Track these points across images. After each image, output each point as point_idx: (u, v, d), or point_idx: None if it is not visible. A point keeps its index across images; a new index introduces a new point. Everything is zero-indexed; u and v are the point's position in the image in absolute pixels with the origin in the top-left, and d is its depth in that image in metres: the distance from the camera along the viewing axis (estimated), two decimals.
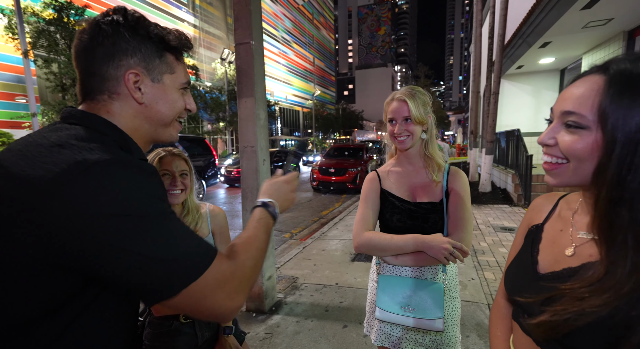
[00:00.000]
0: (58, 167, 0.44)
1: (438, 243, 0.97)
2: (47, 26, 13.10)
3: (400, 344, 1.12)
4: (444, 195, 1.11)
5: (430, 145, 1.16)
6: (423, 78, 42.59)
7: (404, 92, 1.11)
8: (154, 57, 0.61)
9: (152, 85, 0.61)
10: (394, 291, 1.08)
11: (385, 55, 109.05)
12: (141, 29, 0.59)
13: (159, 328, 1.11)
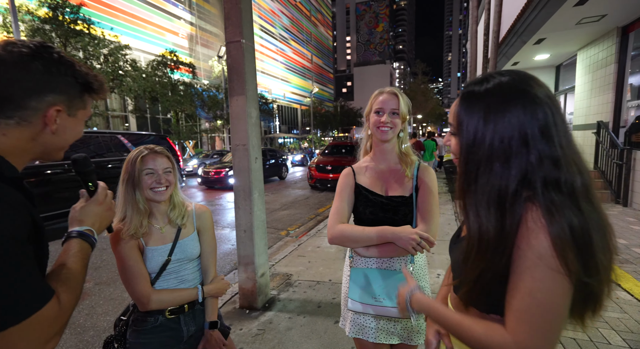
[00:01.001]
0: None
1: (406, 234, 1.03)
2: (42, 24, 13.00)
3: (374, 334, 1.16)
4: (414, 189, 1.18)
5: (405, 142, 1.25)
6: (421, 75, 42.51)
7: (393, 87, 1.21)
8: (76, 97, 0.68)
9: (67, 119, 0.67)
10: (365, 282, 1.13)
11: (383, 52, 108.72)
12: (72, 73, 0.65)
13: (144, 324, 1.12)
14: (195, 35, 27.55)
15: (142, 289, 1.07)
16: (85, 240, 0.72)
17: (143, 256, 1.11)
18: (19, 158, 0.62)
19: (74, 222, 0.76)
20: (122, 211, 1.08)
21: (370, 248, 1.13)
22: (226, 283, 1.26)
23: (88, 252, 0.72)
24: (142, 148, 1.11)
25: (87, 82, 0.68)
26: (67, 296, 0.60)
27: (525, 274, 0.56)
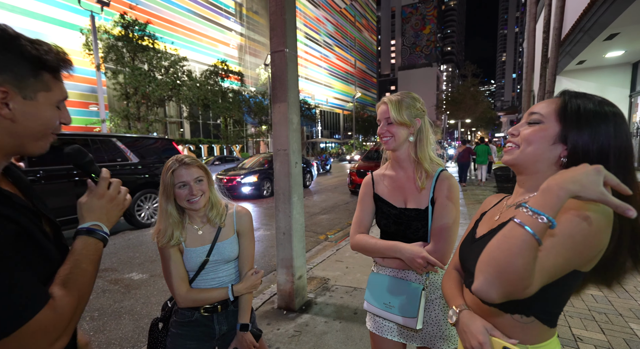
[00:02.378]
0: None
1: (413, 254, 1.05)
2: (115, 42, 14.72)
3: (393, 333, 1.20)
4: (430, 202, 1.12)
5: (419, 150, 1.16)
6: (470, 77, 40.25)
7: (389, 97, 1.18)
8: (27, 75, 0.60)
9: (24, 103, 0.60)
10: (379, 288, 1.18)
11: (430, 54, 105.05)
12: (14, 48, 0.58)
13: (182, 317, 1.21)
14: (245, 45, 29.16)
15: (177, 288, 1.15)
16: (91, 236, 0.69)
17: (183, 257, 1.18)
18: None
19: (80, 218, 0.73)
20: (160, 220, 1.16)
21: (386, 259, 1.18)
22: (257, 276, 1.26)
23: (95, 248, 0.69)
24: (174, 161, 1.14)
25: (39, 58, 0.60)
26: (66, 300, 0.58)
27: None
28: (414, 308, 1.07)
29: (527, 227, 0.56)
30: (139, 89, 15.02)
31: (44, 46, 0.63)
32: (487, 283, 0.58)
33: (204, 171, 1.19)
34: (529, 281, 0.57)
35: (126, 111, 15.32)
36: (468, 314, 0.77)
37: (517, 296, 0.58)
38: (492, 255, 0.60)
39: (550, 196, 0.57)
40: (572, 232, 0.59)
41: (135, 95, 15.39)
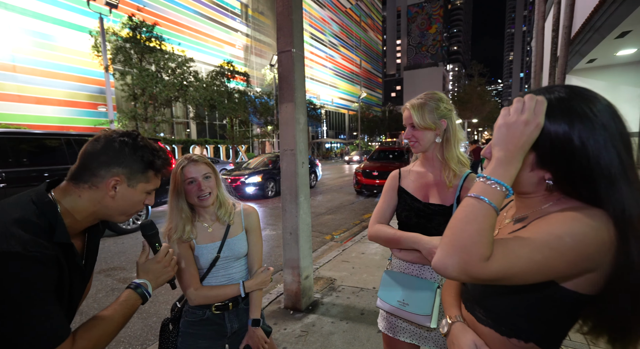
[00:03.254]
0: None
1: (433, 246, 1.04)
2: (123, 43, 14.88)
3: (405, 334, 1.19)
4: (455, 200, 1.14)
5: (446, 150, 1.17)
6: (477, 76, 39.86)
7: (412, 100, 1.19)
8: (138, 172, 0.82)
9: (127, 189, 0.81)
10: (393, 285, 1.18)
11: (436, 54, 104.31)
12: (139, 152, 0.81)
13: (193, 316, 1.22)
14: (250, 46, 29.27)
15: (188, 286, 1.17)
16: (136, 291, 0.85)
17: (194, 254, 1.20)
18: (89, 217, 0.79)
19: (138, 274, 0.92)
20: (170, 218, 1.19)
21: (403, 251, 1.19)
22: (268, 273, 1.28)
23: (135, 303, 0.84)
24: (183, 158, 1.19)
25: (151, 162, 0.83)
26: (83, 343, 0.70)
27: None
28: (428, 306, 1.06)
29: (480, 196, 0.57)
30: (147, 90, 15.18)
31: (160, 153, 0.85)
32: (443, 254, 0.57)
33: (212, 168, 1.22)
34: (484, 250, 0.53)
35: (134, 112, 15.48)
36: (460, 327, 0.75)
37: (476, 270, 0.53)
38: (449, 226, 0.59)
39: (504, 163, 0.59)
40: (561, 233, 0.55)
41: (142, 96, 15.54)
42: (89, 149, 0.78)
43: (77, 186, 0.76)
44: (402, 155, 10.49)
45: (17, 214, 0.66)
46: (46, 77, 14.97)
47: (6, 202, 0.70)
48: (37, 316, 0.63)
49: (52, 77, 15.17)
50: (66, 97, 15.69)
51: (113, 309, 0.79)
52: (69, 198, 0.76)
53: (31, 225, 0.66)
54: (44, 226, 0.69)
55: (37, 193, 0.73)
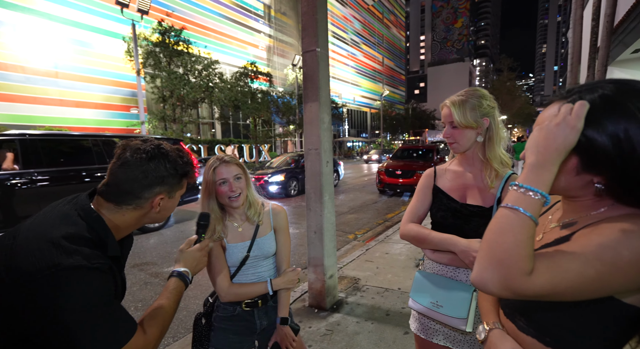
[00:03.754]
0: (39, 264, 0.63)
1: (470, 248, 1.00)
2: (154, 48, 15.55)
3: (439, 337, 1.16)
4: (496, 202, 1.09)
5: (488, 150, 1.12)
6: (506, 71, 38.11)
7: (452, 98, 1.13)
8: (176, 184, 0.88)
9: (168, 200, 0.87)
10: (426, 286, 1.15)
11: (462, 49, 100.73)
12: (172, 165, 0.84)
13: (225, 312, 1.26)
14: (273, 46, 29.66)
15: (220, 283, 1.20)
16: (181, 279, 0.93)
17: (225, 253, 1.24)
18: (131, 228, 0.86)
19: (177, 262, 0.98)
20: None
21: (436, 253, 1.15)
22: (295, 273, 1.30)
23: (181, 290, 0.92)
24: (215, 159, 1.21)
25: (186, 172, 0.89)
26: (152, 330, 0.77)
27: None
28: (463, 309, 1.03)
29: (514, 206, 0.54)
30: (175, 92, 15.78)
31: (186, 159, 0.89)
32: (480, 268, 0.54)
33: (242, 169, 1.24)
34: (523, 264, 0.50)
35: (163, 113, 16.16)
36: (499, 334, 0.70)
37: (518, 285, 0.50)
38: (484, 239, 0.57)
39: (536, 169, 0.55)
40: (617, 245, 0.50)
41: (171, 97, 16.19)
42: (125, 175, 0.79)
43: (120, 207, 0.80)
44: (427, 154, 10.24)
45: (70, 229, 0.71)
46: (84, 82, 15.96)
47: (54, 216, 0.74)
48: (110, 317, 0.69)
49: (90, 81, 16.15)
50: (102, 100, 16.66)
51: (167, 297, 0.86)
52: (114, 216, 0.80)
53: (85, 240, 0.71)
54: (96, 240, 0.74)
55: (82, 208, 0.76)
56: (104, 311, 0.68)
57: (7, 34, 13.53)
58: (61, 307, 0.63)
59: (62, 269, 0.64)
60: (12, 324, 0.64)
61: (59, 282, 0.63)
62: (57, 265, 0.63)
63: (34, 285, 0.62)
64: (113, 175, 0.80)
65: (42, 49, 14.51)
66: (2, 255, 0.66)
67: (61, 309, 0.63)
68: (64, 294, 0.63)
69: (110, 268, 0.73)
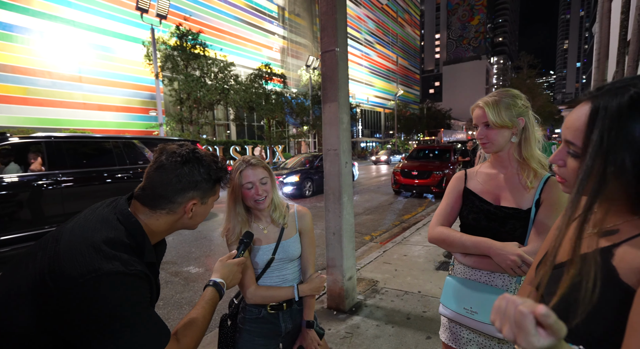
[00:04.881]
0: (82, 268, 0.64)
1: (506, 251, 0.96)
2: (172, 51, 15.92)
3: (469, 345, 1.11)
4: (534, 204, 1.03)
5: (524, 150, 1.08)
6: (526, 68, 36.95)
7: (486, 98, 1.11)
8: (210, 189, 0.87)
9: (201, 206, 0.87)
10: (459, 291, 1.10)
11: (478, 47, 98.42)
12: (205, 170, 0.84)
13: (250, 314, 1.25)
14: (287, 48, 29.84)
15: (246, 285, 1.20)
16: (217, 289, 0.94)
17: (251, 254, 1.23)
18: (164, 234, 0.86)
19: (215, 272, 1.00)
20: (228, 219, 1.22)
21: (468, 257, 1.11)
22: (321, 280, 1.29)
23: (216, 301, 0.93)
24: (241, 161, 1.19)
25: (219, 178, 0.89)
26: (186, 340, 0.78)
27: None
28: None
29: None
30: (192, 94, 16.10)
31: (220, 164, 0.89)
32: None
33: (268, 172, 1.23)
34: None
35: (180, 115, 16.52)
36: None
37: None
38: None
39: None
40: None
41: (188, 100, 16.52)
42: (160, 179, 0.79)
43: (155, 211, 0.81)
44: (444, 154, 10.05)
45: (110, 234, 0.72)
46: (106, 86, 16.52)
47: (95, 219, 0.75)
48: (146, 323, 0.70)
49: (111, 85, 16.70)
50: (122, 103, 17.19)
51: (202, 308, 0.87)
52: (149, 221, 0.81)
53: (124, 246, 0.72)
54: (134, 246, 0.75)
55: (122, 213, 0.77)
56: (142, 317, 0.69)
57: (35, 40, 14.17)
58: (101, 312, 0.63)
59: (102, 274, 0.64)
60: (55, 327, 0.64)
61: (99, 287, 0.64)
62: (97, 269, 0.64)
63: (76, 289, 0.63)
64: (149, 178, 0.81)
65: (67, 55, 15.11)
66: (47, 259, 0.67)
67: (101, 314, 0.63)
68: (104, 299, 0.64)
69: (146, 275, 0.73)
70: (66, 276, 0.64)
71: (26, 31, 13.91)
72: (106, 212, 0.77)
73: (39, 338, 0.65)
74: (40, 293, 0.64)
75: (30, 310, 0.64)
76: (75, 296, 0.63)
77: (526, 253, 0.94)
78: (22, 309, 0.64)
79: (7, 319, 0.65)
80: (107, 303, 0.64)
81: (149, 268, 0.76)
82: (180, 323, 0.82)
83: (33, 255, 0.70)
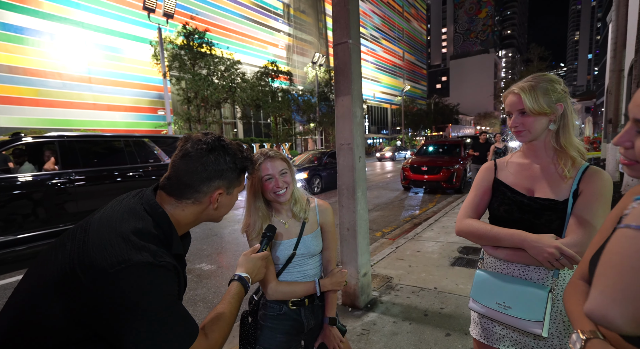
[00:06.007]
0: (111, 258, 0.62)
1: (542, 244, 0.89)
2: (179, 51, 16.00)
3: (505, 343, 1.06)
4: (571, 195, 0.97)
5: (563, 137, 1.01)
6: (537, 61, 36.17)
7: (521, 83, 1.03)
8: (235, 179, 0.85)
9: (226, 197, 0.85)
10: (491, 285, 1.05)
11: (486, 40, 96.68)
12: (231, 159, 0.82)
13: (272, 310, 1.22)
14: (292, 45, 29.76)
15: (267, 281, 1.17)
16: (242, 283, 0.91)
17: (271, 250, 1.20)
18: (190, 225, 0.84)
19: (239, 266, 0.97)
20: (248, 214, 1.19)
21: (500, 249, 1.04)
22: (342, 274, 1.25)
23: (242, 295, 0.90)
24: (259, 154, 1.16)
25: (245, 167, 0.87)
26: (214, 335, 0.76)
27: None
28: (538, 311, 0.92)
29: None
30: (199, 93, 16.19)
31: (246, 154, 0.87)
32: (607, 301, 0.45)
33: (288, 164, 1.19)
34: None
35: (188, 114, 16.63)
36: (600, 346, 0.58)
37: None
38: (609, 264, 0.48)
39: None
40: None
41: (195, 99, 16.62)
42: (186, 167, 0.78)
43: (180, 201, 0.79)
44: (454, 149, 9.90)
45: (139, 224, 0.70)
46: (115, 86, 16.70)
47: (122, 210, 0.73)
48: (176, 317, 0.68)
49: (120, 85, 16.88)
50: (131, 103, 17.37)
51: (229, 302, 0.85)
52: (175, 211, 0.79)
53: (153, 237, 0.71)
54: (162, 237, 0.73)
55: (149, 203, 0.76)
56: (170, 310, 0.67)
57: (46, 43, 14.38)
58: (130, 303, 0.61)
59: (131, 265, 0.62)
60: (87, 320, 0.63)
61: (128, 278, 0.62)
62: (127, 260, 0.63)
63: (106, 279, 0.61)
64: (174, 167, 0.78)
65: (76, 56, 15.32)
66: (76, 249, 0.65)
67: (130, 305, 0.61)
68: (133, 290, 0.62)
69: (175, 266, 0.71)
70: (96, 266, 0.62)
71: (37, 33, 14.13)
72: (133, 203, 0.75)
73: (74, 332, 0.63)
74: (70, 284, 0.62)
75: (63, 302, 0.62)
76: (104, 287, 0.61)
77: (565, 245, 0.88)
78: (54, 300, 0.63)
79: (40, 313, 0.63)
80: (135, 294, 0.62)
81: (176, 260, 0.74)
82: (207, 318, 0.80)
83: (62, 245, 0.68)
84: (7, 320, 0.65)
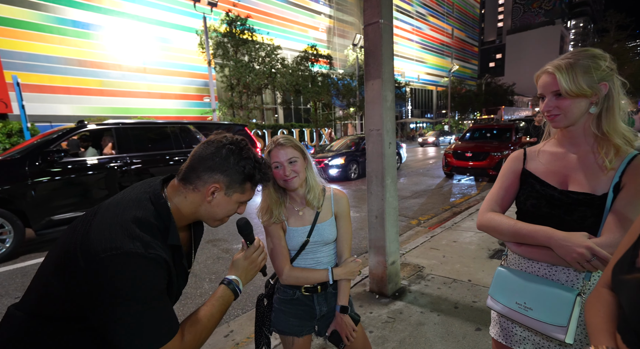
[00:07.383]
0: (105, 243, 0.65)
1: (572, 243, 0.79)
2: (222, 38, 16.51)
3: (522, 344, 0.98)
4: (612, 188, 0.83)
5: (605, 121, 0.87)
6: (614, 30, 31.32)
7: (556, 61, 0.90)
8: (236, 182, 0.83)
9: (222, 197, 0.83)
10: (512, 284, 0.96)
11: (552, 9, 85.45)
12: (242, 162, 0.82)
13: (285, 295, 1.26)
14: (333, 27, 29.08)
15: (279, 265, 1.20)
16: (229, 287, 0.89)
17: (286, 235, 1.22)
18: (190, 217, 0.85)
19: (229, 269, 0.96)
20: (264, 199, 1.22)
21: (524, 247, 0.95)
22: (356, 264, 1.24)
23: (229, 299, 0.88)
24: (271, 141, 1.17)
25: (251, 175, 0.85)
26: (190, 337, 0.75)
27: None
28: (563, 315, 0.83)
29: None
30: (241, 80, 16.66)
31: (262, 166, 0.88)
32: None
33: (299, 152, 1.18)
34: None
35: (231, 100, 17.27)
36: None
37: None
38: None
39: None
40: None
41: (238, 85, 17.15)
42: (199, 152, 0.82)
43: (185, 187, 0.81)
44: (503, 133, 9.12)
45: (139, 213, 0.72)
46: (166, 75, 17.86)
47: (127, 198, 0.76)
48: (156, 311, 0.69)
49: (171, 74, 18.01)
50: (180, 91, 18.49)
51: (211, 305, 0.84)
52: (178, 198, 0.81)
53: (150, 227, 0.72)
54: (160, 227, 0.75)
55: (154, 193, 0.78)
56: (152, 304, 0.68)
57: (105, 36, 15.72)
58: (115, 288, 0.64)
59: (122, 253, 0.65)
60: (79, 297, 0.67)
61: (116, 265, 0.64)
62: (119, 247, 0.65)
63: (97, 263, 0.64)
64: (192, 152, 0.83)
65: (133, 48, 16.57)
66: (82, 230, 0.70)
67: (114, 291, 0.64)
68: (116, 277, 0.64)
69: (165, 261, 0.71)
70: (91, 249, 0.65)
71: (99, 28, 15.48)
72: (142, 191, 0.78)
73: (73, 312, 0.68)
74: (71, 264, 0.67)
75: (65, 280, 0.67)
76: (95, 270, 0.64)
77: (599, 245, 0.77)
78: (60, 277, 0.68)
79: (51, 288, 0.68)
80: (120, 281, 0.64)
81: (173, 252, 0.76)
82: (187, 319, 0.80)
83: (74, 227, 0.74)
84: (35, 293, 0.73)
